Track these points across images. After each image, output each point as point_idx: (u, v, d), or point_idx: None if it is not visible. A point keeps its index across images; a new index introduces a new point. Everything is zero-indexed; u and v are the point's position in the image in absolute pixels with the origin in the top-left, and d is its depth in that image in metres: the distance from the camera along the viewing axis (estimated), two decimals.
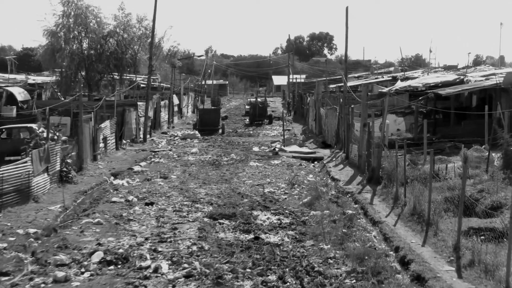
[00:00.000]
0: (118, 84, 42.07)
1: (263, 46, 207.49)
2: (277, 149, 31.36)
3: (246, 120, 51.61)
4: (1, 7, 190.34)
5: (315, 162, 27.72)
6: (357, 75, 61.95)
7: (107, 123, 28.88)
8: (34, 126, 22.38)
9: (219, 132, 41.89)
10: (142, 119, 36.01)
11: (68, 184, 21.04)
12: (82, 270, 11.66)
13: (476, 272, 10.80)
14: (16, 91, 35.06)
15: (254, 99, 52.82)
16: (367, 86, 26.16)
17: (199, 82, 78.07)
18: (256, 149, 32.52)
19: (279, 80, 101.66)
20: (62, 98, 34.24)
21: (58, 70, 39.69)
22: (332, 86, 49.90)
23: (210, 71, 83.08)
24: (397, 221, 15.31)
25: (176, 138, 38.39)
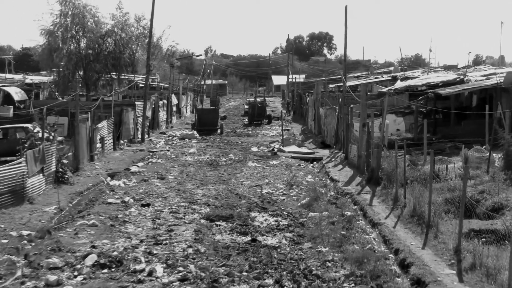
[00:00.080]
0: (117, 84, 41.78)
1: (263, 46, 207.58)
2: (275, 149, 31.10)
3: (245, 120, 51.37)
4: (0, 7, 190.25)
5: (314, 163, 27.47)
6: (356, 75, 61.67)
7: (104, 123, 28.64)
8: (30, 126, 22.14)
9: (218, 132, 41.62)
10: (140, 119, 35.74)
11: (64, 185, 20.80)
12: (75, 273, 11.44)
13: (477, 276, 10.56)
14: (13, 91, 34.85)
15: (253, 99, 52.54)
16: (366, 86, 25.93)
17: (198, 82, 77.80)
18: (254, 149, 32.27)
19: (279, 80, 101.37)
20: (60, 98, 34.00)
21: (56, 70, 39.39)
22: (331, 86, 49.66)
23: (209, 71, 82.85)
24: (396, 222, 15.08)
25: (174, 138, 38.14)
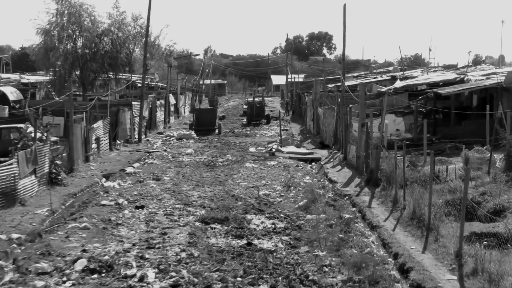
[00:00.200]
0: (114, 83, 41.43)
1: (262, 46, 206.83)
2: (273, 149, 30.73)
3: (244, 120, 51.01)
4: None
5: (313, 163, 27.09)
6: (356, 75, 61.36)
7: (100, 123, 28.27)
8: (23, 127, 21.74)
9: (216, 132, 41.27)
10: (137, 119, 35.36)
11: (57, 186, 20.44)
12: (64, 279, 11.06)
13: (479, 281, 10.18)
14: (8, 91, 34.46)
15: (252, 99, 52.19)
16: (365, 85, 25.56)
17: (197, 82, 77.43)
18: (252, 149, 31.90)
19: (278, 79, 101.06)
20: (57, 98, 33.62)
21: (52, 70, 39.02)
22: (330, 86, 49.30)
23: (207, 71, 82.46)
24: (396, 225, 14.72)
25: (171, 139, 37.76)
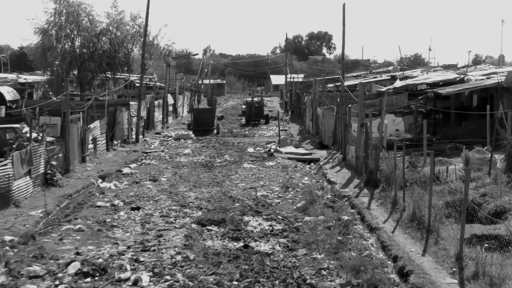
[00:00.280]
0: (112, 83, 41.17)
1: (262, 46, 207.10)
2: (272, 150, 30.49)
3: (243, 120, 50.75)
4: None
5: (311, 164, 26.84)
6: (355, 74, 61.16)
7: (97, 123, 28.03)
8: (18, 127, 21.48)
9: (214, 132, 41.01)
10: (134, 119, 35.12)
11: (53, 187, 20.19)
12: (56, 282, 10.82)
13: (480, 285, 9.96)
14: (4, 91, 34.15)
15: (251, 99, 51.92)
16: (365, 85, 25.30)
17: (195, 82, 77.15)
18: (251, 150, 31.65)
19: (277, 79, 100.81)
20: (54, 98, 33.37)
21: (50, 69, 38.74)
22: (330, 86, 49.07)
23: (206, 70, 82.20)
24: (395, 227, 14.49)
25: (169, 139, 37.51)
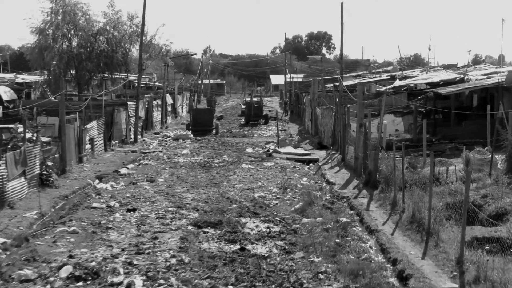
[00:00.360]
0: (110, 83, 40.92)
1: (262, 46, 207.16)
2: (271, 150, 30.23)
3: (242, 120, 50.50)
4: None
5: (310, 164, 26.58)
6: (355, 74, 60.89)
7: (94, 124, 27.78)
8: (13, 127, 21.21)
9: (213, 132, 40.76)
10: (132, 119, 34.87)
11: (48, 188, 19.94)
12: (47, 286, 10.61)
13: None
14: (1, 91, 33.96)
15: (250, 99, 51.67)
16: (363, 85, 25.05)
17: (194, 81, 76.92)
18: (249, 150, 31.39)
19: (277, 79, 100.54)
20: (52, 98, 33.13)
21: (47, 69, 38.48)
22: (329, 86, 48.81)
23: (205, 70, 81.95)
24: (395, 229, 14.25)
25: (168, 139, 37.26)
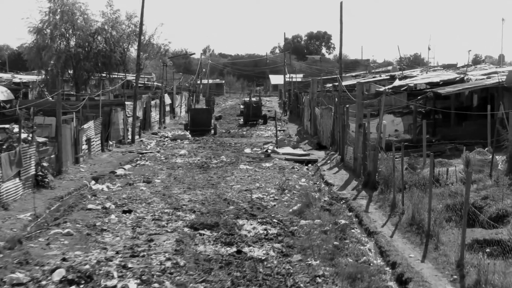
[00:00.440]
0: (108, 83, 40.64)
1: (262, 46, 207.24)
2: (269, 150, 30.01)
3: (241, 120, 50.28)
4: None
5: (309, 165, 26.35)
6: (354, 74, 60.63)
7: (91, 124, 27.55)
8: (9, 127, 20.97)
9: (211, 132, 40.53)
10: (130, 119, 34.62)
11: (44, 189, 19.73)
12: None
13: None
14: None
15: (248, 99, 51.44)
16: (362, 85, 24.79)
17: (193, 81, 76.69)
18: (248, 150, 31.15)
19: (276, 79, 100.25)
20: (50, 98, 32.89)
21: (45, 69, 38.19)
22: (328, 85, 48.57)
23: (204, 70, 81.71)
24: (394, 231, 14.03)
25: (166, 139, 37.04)
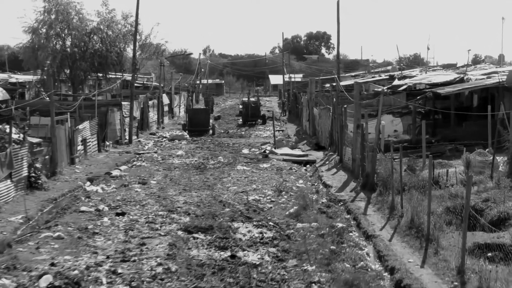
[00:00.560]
0: (105, 83, 40.31)
1: (261, 46, 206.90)
2: (267, 151, 29.66)
3: (239, 120, 49.95)
4: None
5: (307, 166, 26.01)
6: (354, 74, 60.28)
7: (86, 124, 27.21)
8: (0, 128, 20.63)
9: (210, 133, 40.19)
10: (127, 120, 34.28)
11: (37, 191, 19.40)
12: None
13: None
14: None
15: (247, 99, 51.09)
16: (360, 85, 24.43)
17: (192, 81, 76.33)
18: (245, 151, 30.78)
19: (276, 79, 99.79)
20: (46, 98, 32.54)
21: (40, 69, 37.85)
22: (327, 85, 48.22)
23: (203, 70, 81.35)
24: (393, 235, 13.69)
25: (164, 140, 36.70)
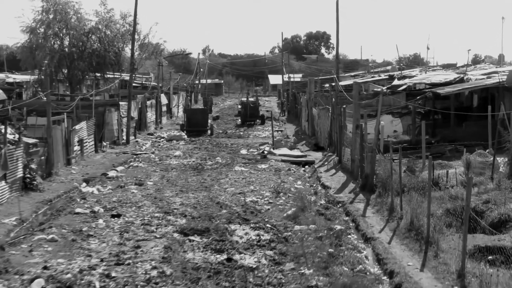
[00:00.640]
0: (103, 83, 40.11)
1: (261, 45, 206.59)
2: (266, 152, 29.44)
3: (238, 120, 49.75)
4: None
5: (306, 167, 25.79)
6: (353, 74, 60.08)
7: (83, 124, 26.98)
8: None
9: (208, 133, 39.97)
10: (124, 120, 34.05)
11: (32, 192, 19.16)
12: None
13: None
14: None
15: (246, 99, 50.88)
16: (359, 85, 24.21)
17: (191, 81, 76.10)
18: (244, 151, 30.56)
19: (276, 79, 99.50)
20: (44, 98, 32.34)
21: (38, 68, 37.68)
22: (326, 85, 48.02)
23: (201, 70, 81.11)
24: (392, 237, 13.48)
25: (162, 140, 36.47)
